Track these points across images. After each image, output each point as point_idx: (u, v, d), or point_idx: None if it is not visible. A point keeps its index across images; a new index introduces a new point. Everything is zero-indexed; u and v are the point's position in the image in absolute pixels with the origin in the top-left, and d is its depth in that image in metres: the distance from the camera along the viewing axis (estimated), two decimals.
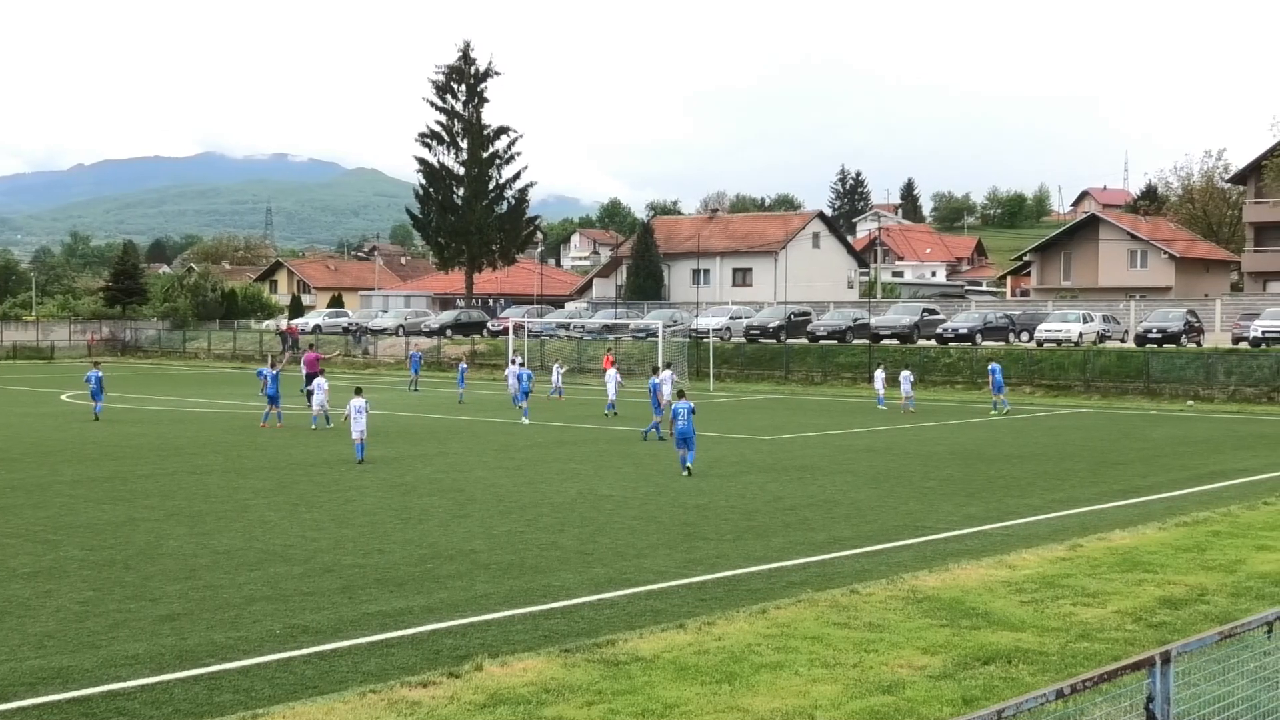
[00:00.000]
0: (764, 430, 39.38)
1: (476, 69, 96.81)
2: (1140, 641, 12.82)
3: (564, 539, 19.52)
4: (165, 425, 37.86)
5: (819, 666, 11.96)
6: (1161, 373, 56.82)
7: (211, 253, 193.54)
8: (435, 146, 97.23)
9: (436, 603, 15.08)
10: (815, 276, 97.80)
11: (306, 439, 35.52)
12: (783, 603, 14.73)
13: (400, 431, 37.90)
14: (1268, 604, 13.84)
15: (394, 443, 34.59)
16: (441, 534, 19.95)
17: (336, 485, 25.76)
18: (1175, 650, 6.83)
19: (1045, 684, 9.61)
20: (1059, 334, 64.19)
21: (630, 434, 37.77)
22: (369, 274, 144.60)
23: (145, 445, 33.55)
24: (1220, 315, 74.05)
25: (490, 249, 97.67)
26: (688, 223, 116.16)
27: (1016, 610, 14.34)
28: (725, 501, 23.74)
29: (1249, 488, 26.31)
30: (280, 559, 17.74)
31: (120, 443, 33.98)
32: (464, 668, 11.98)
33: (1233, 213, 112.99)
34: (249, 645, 13.12)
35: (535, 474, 27.80)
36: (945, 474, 28.46)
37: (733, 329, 74.33)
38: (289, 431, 37.62)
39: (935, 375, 62.48)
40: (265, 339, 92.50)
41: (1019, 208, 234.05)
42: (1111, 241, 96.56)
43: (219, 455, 31.22)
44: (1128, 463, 31.25)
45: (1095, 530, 20.14)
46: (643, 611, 14.63)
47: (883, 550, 18.79)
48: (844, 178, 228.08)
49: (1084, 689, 6.24)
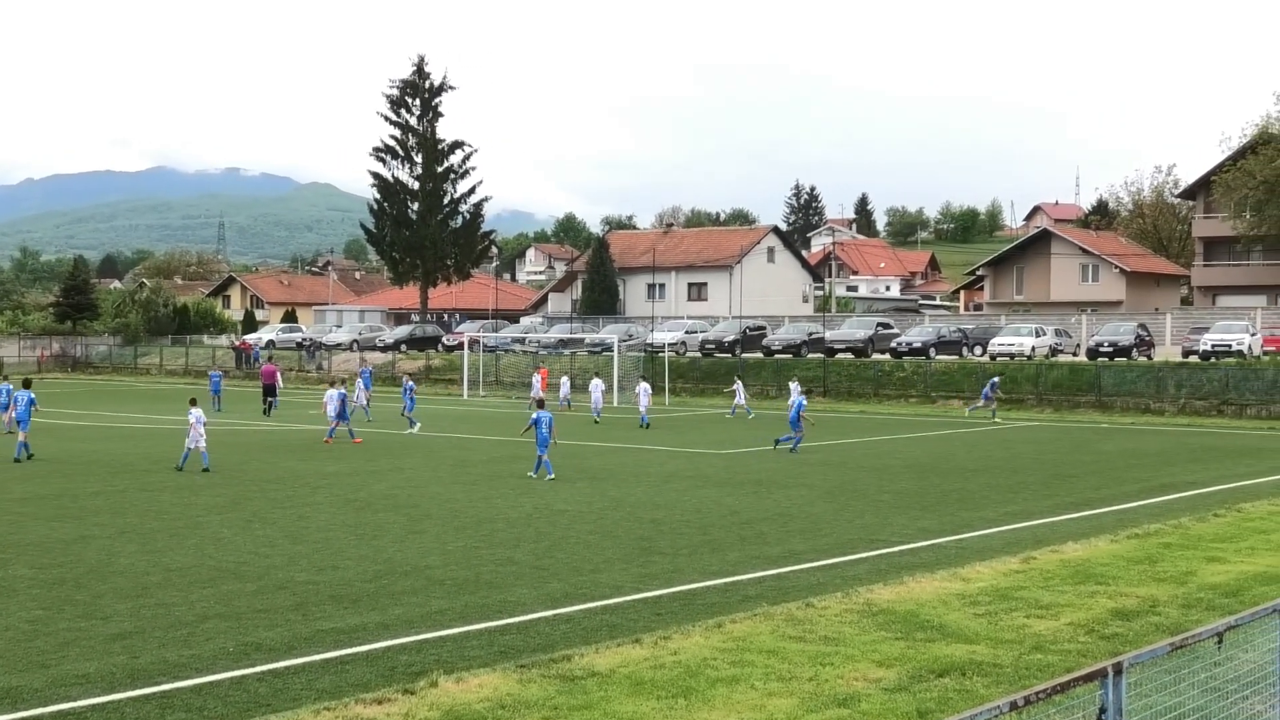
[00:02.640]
0: (719, 444, 39.43)
1: (431, 83, 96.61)
2: (1093, 653, 12.90)
3: (519, 554, 19.47)
4: (116, 442, 37.54)
5: (774, 680, 11.97)
6: (1113, 386, 57.31)
7: (163, 268, 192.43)
8: (389, 161, 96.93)
9: (391, 619, 15.01)
10: (770, 291, 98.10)
11: (260, 455, 35.30)
12: (738, 617, 14.75)
13: (355, 447, 37.72)
14: (1218, 615, 13.95)
15: (349, 458, 34.43)
16: (396, 550, 19.87)
17: (290, 501, 25.61)
18: (1127, 661, 6.87)
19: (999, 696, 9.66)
20: (1012, 348, 64.61)
21: (585, 448, 37.76)
22: (323, 289, 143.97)
23: (96, 462, 33.24)
24: (1170, 329, 74.76)
25: (445, 264, 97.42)
26: (643, 237, 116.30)
27: (970, 623, 14.41)
28: (681, 516, 23.75)
29: (1199, 500, 26.53)
30: (233, 576, 17.61)
31: (70, 459, 33.65)
32: (419, 684, 11.92)
33: (1182, 227, 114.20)
34: (202, 663, 13.01)
35: (490, 489, 27.73)
36: (900, 487, 28.58)
37: (688, 343, 74.43)
38: (241, 448, 37.40)
39: (889, 389, 62.80)
40: (218, 354, 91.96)
41: (972, 222, 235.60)
42: (1063, 256, 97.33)
43: (171, 472, 30.96)
44: (1080, 475, 31.46)
45: (1048, 543, 20.26)
46: (598, 626, 14.61)
47: (838, 564, 18.84)
48: (799, 192, 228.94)
49: (1037, 701, 6.28)
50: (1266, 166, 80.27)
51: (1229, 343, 60.15)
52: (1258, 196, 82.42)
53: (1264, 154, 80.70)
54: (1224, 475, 31.56)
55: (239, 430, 44.18)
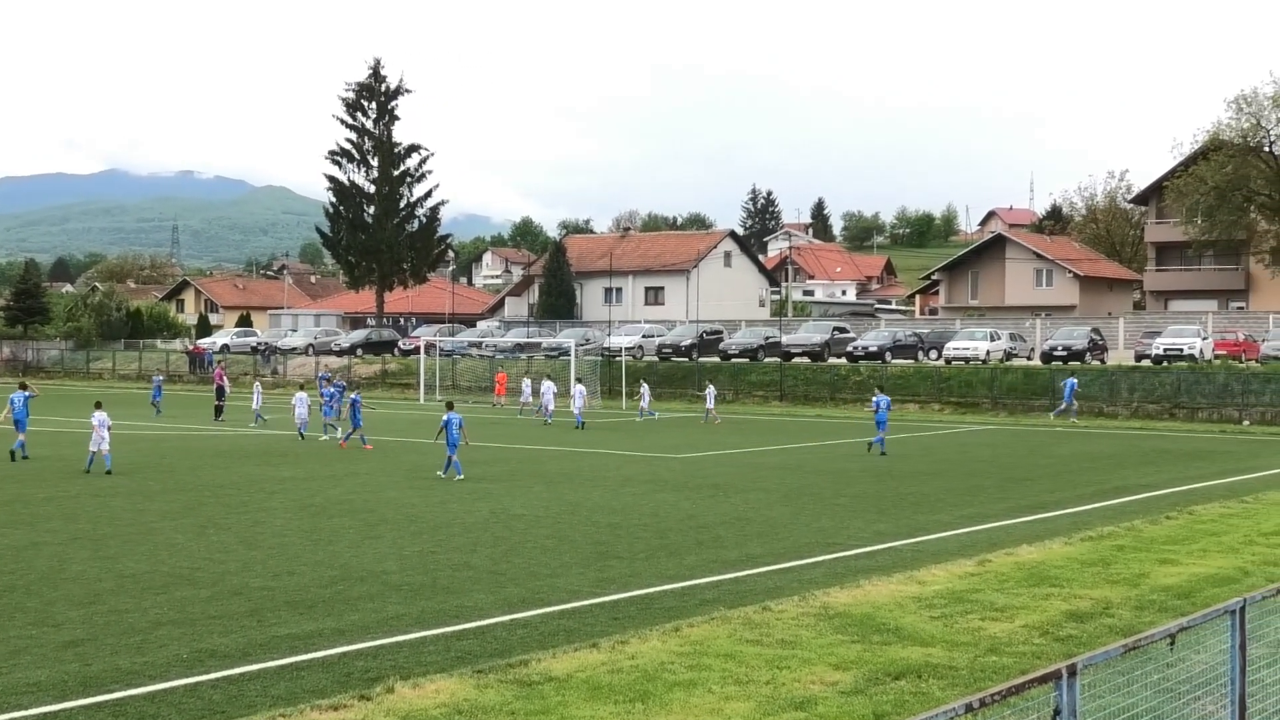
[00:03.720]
0: (677, 448, 39.46)
1: (387, 86, 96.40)
2: (1047, 655, 12.98)
3: (476, 559, 19.41)
4: (67, 447, 37.17)
5: (732, 684, 11.98)
6: None
7: (116, 271, 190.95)
8: (345, 164, 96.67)
9: (347, 625, 14.93)
10: (727, 295, 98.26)
11: (214, 460, 35.07)
12: (696, 621, 14.75)
13: (311, 452, 37.54)
14: (1170, 616, 14.07)
15: (304, 463, 34.26)
16: (352, 555, 19.77)
17: (245, 507, 25.44)
18: (1081, 663, 6.92)
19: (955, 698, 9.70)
20: (967, 352, 65.00)
21: (542, 452, 37.72)
22: (278, 293, 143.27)
23: (47, 468, 32.93)
24: (1123, 333, 75.40)
25: (401, 268, 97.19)
26: (600, 241, 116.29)
27: (926, 625, 14.47)
28: (638, 520, 23.74)
29: (1152, 502, 26.75)
30: (187, 582, 17.47)
31: (21, 465, 33.32)
32: (375, 690, 11.86)
33: (1135, 232, 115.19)
34: (155, 670, 12.90)
35: (447, 494, 27.64)
36: (856, 491, 28.67)
37: (645, 347, 74.52)
38: (195, 453, 37.15)
39: (846, 393, 63.04)
40: (172, 359, 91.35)
41: (927, 227, 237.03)
42: (1017, 261, 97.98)
43: (124, 477, 30.70)
44: (1035, 479, 31.66)
45: (1003, 546, 20.37)
46: (556, 631, 14.58)
47: (795, 567, 18.87)
48: (755, 197, 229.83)
49: (993, 702, 6.31)
50: (1217, 172, 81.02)
51: (1181, 347, 60.73)
52: (1209, 202, 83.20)
53: (1215, 160, 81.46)
54: (1176, 478, 31.84)
55: (192, 435, 43.91)
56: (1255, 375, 55.17)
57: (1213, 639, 8.72)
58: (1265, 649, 9.43)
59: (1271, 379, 54.25)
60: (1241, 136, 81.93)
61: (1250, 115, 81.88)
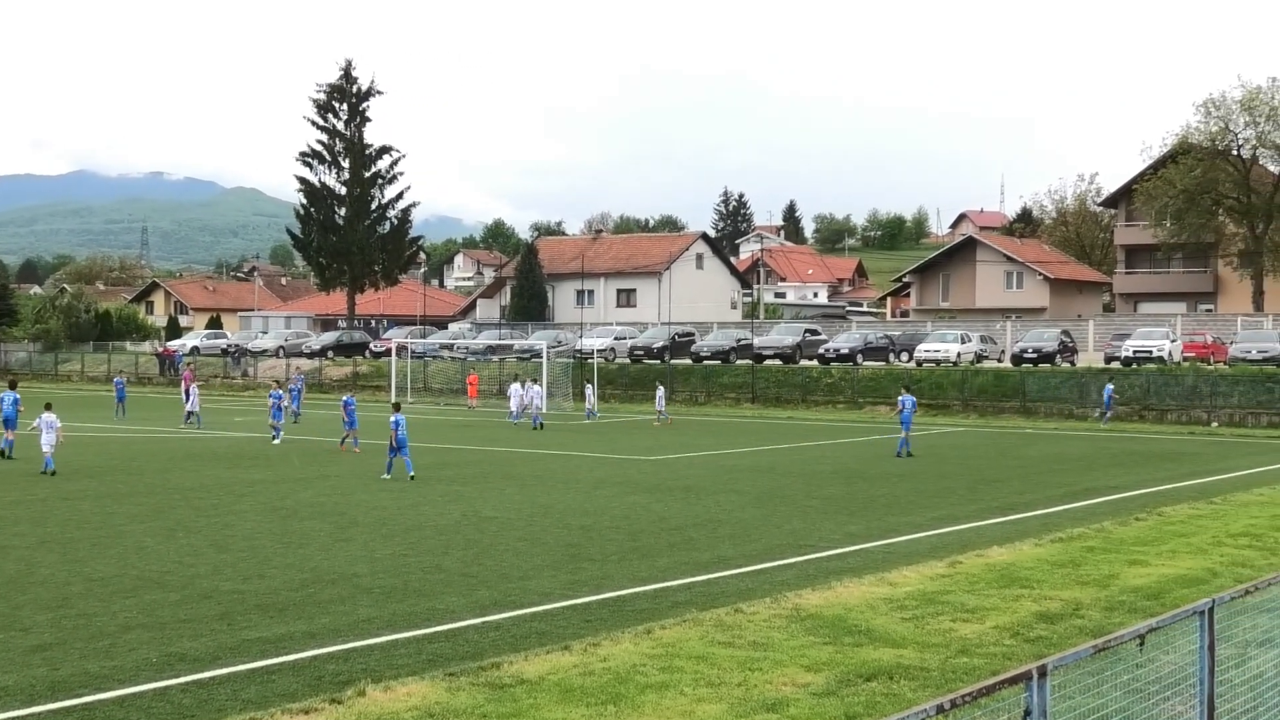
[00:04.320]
0: (648, 450, 39.46)
1: (358, 88, 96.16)
2: (1018, 656, 13.02)
3: (448, 561, 19.38)
4: (35, 450, 36.92)
5: (704, 686, 11.99)
6: (1037, 392, 57.98)
7: (85, 273, 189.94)
8: (316, 166, 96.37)
9: (318, 628, 14.88)
10: (699, 297, 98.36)
11: (184, 463, 34.90)
12: (668, 623, 14.75)
13: (280, 455, 37.40)
14: (1140, 617, 14.14)
15: (274, 466, 34.14)
16: (323, 558, 19.70)
17: (215, 509, 25.33)
18: (1051, 664, 6.94)
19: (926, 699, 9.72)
20: (938, 354, 65.19)
21: (514, 454, 37.68)
22: (248, 295, 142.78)
23: (13, 471, 32.71)
24: (1093, 335, 75.80)
25: (372, 269, 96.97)
26: (572, 244, 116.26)
27: (898, 627, 14.50)
28: (610, 522, 23.73)
29: (1121, 504, 26.88)
30: (157, 585, 17.38)
31: None
32: (346, 693, 11.82)
33: (1104, 235, 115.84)
34: (124, 675, 12.83)
35: (419, 496, 27.58)
36: (827, 493, 28.73)
37: (617, 349, 74.51)
38: (164, 456, 36.98)
39: (817, 395, 63.20)
40: (141, 361, 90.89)
41: (899, 230, 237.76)
42: (988, 263, 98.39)
43: (92, 480, 30.55)
44: (1005, 480, 31.78)
45: (974, 547, 20.43)
46: (528, 634, 14.57)
47: (766, 569, 18.89)
48: (727, 199, 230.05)
49: (963, 703, 6.32)
50: (1186, 175, 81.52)
51: (1150, 349, 61.09)
52: (1178, 205, 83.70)
53: (1184, 163, 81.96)
54: (1145, 479, 32.00)
55: (161, 438, 43.71)
56: (1223, 377, 55.50)
57: (1182, 640, 8.76)
58: (1234, 649, 9.49)
59: (1239, 381, 54.59)
60: (1210, 140, 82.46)
61: (1218, 119, 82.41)
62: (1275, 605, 10.27)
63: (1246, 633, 9.83)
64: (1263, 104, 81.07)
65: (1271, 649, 10.03)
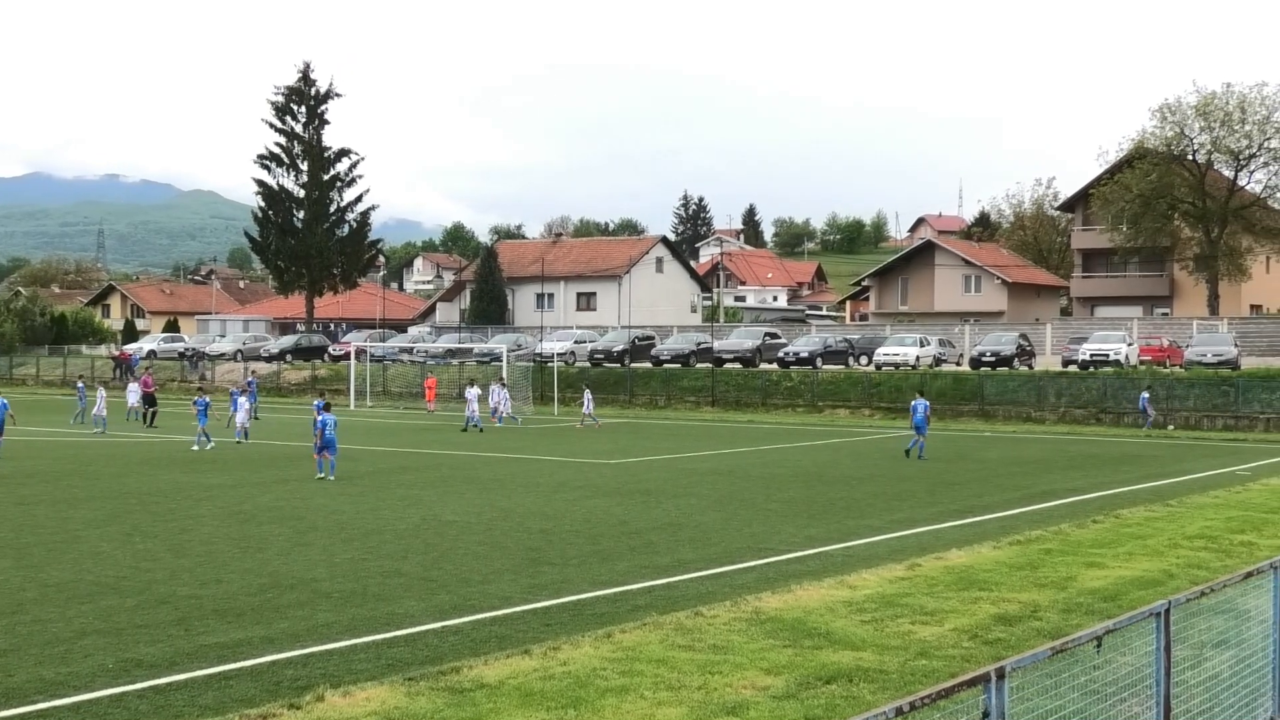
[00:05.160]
0: (609, 454, 39.44)
1: (317, 90, 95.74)
2: (976, 658, 13.08)
3: (407, 566, 19.31)
4: None
5: (664, 689, 11.99)
6: (995, 395, 58.29)
7: (40, 276, 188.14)
8: (274, 168, 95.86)
9: (276, 633, 14.80)
10: (659, 301, 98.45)
11: (141, 468, 34.66)
12: (628, 626, 14.74)
13: (239, 459, 37.20)
14: (1097, 619, 14.22)
15: (232, 470, 33.93)
16: (281, 563, 19.60)
17: (172, 514, 25.16)
18: (1009, 666, 6.97)
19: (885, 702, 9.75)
20: (897, 357, 65.43)
21: (474, 458, 37.60)
22: (206, 298, 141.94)
23: None
24: (1050, 339, 76.28)
25: (331, 273, 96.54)
26: (532, 247, 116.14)
27: (857, 630, 14.54)
28: (570, 526, 23.71)
29: (1079, 506, 27.04)
30: (113, 591, 17.25)
31: None
32: (305, 699, 11.77)
33: (1062, 239, 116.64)
34: (80, 681, 12.72)
35: (377, 500, 27.47)
36: (787, 496, 28.79)
37: (577, 353, 74.45)
38: (121, 460, 36.69)
39: (777, 399, 63.34)
40: (98, 364, 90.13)
41: (858, 234, 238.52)
42: (947, 267, 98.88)
43: (47, 485, 30.28)
44: (964, 483, 31.93)
45: (933, 550, 20.51)
46: (487, 638, 14.53)
47: (726, 572, 18.91)
48: (687, 203, 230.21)
49: (922, 706, 6.35)
50: (1142, 180, 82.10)
51: (1107, 352, 61.50)
52: (1134, 209, 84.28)
53: (1140, 168, 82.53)
54: (1102, 482, 32.22)
55: (118, 442, 43.39)
56: (1179, 380, 55.95)
57: (1138, 641, 8.83)
58: (1189, 650, 9.57)
59: (1195, 384, 55.04)
60: (1166, 145, 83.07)
61: (1174, 124, 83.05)
62: (1230, 607, 10.37)
63: (1202, 634, 9.91)
64: (1217, 109, 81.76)
65: (1226, 650, 10.12)
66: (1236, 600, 10.40)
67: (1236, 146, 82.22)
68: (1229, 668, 9.98)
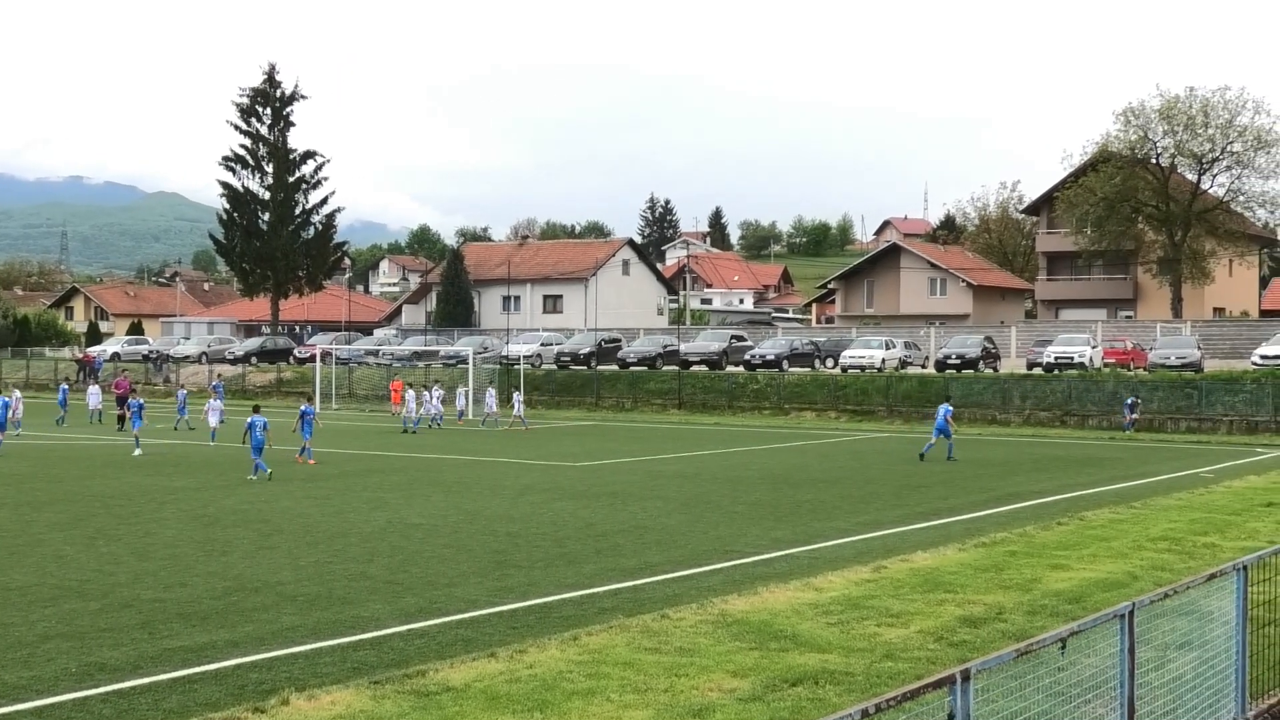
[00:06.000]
0: (575, 456, 39.42)
1: (282, 92, 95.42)
2: (942, 660, 13.12)
3: (373, 569, 19.25)
4: None
5: (630, 692, 11.98)
6: (960, 397, 58.41)
7: (3, 278, 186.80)
8: (239, 170, 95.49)
9: (241, 636, 14.73)
10: (625, 303, 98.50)
11: (102, 468, 34.43)
12: (594, 629, 14.73)
13: (203, 461, 36.99)
14: (1061, 621, 14.28)
15: (196, 473, 33.76)
16: (246, 566, 19.50)
17: (136, 517, 25.01)
18: (975, 668, 6.99)
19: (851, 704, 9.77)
20: (863, 360, 65.58)
21: (441, 461, 37.51)
22: (170, 300, 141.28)
23: None
24: (1015, 341, 76.63)
25: (297, 275, 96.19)
26: (498, 249, 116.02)
27: (823, 632, 14.56)
28: (537, 529, 23.68)
29: (1043, 509, 27.15)
30: (76, 594, 17.13)
31: None
32: (270, 702, 11.71)
33: (1026, 242, 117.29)
34: (43, 685, 12.63)
35: (343, 503, 27.38)
36: (754, 498, 28.82)
37: (544, 355, 74.38)
38: (84, 463, 36.45)
39: (743, 401, 63.41)
40: (60, 367, 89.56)
41: (824, 236, 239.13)
42: (912, 270, 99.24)
43: (10, 488, 30.05)
44: (929, 486, 32.02)
45: (898, 552, 20.56)
46: (453, 641, 14.49)
47: (693, 575, 18.91)
48: (653, 205, 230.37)
49: (888, 707, 6.36)
50: (1106, 183, 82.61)
51: (1071, 355, 61.84)
52: (1098, 213, 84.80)
53: (1104, 171, 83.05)
54: (1067, 484, 32.37)
55: (82, 445, 43.11)
56: (1143, 383, 56.28)
57: (1103, 643, 8.86)
58: (1153, 652, 9.62)
59: (1159, 386, 55.38)
60: (1130, 149, 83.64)
61: (1138, 128, 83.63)
62: (1194, 609, 10.42)
63: (1166, 635, 9.96)
64: (1180, 113, 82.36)
65: (1190, 651, 10.18)
66: (1200, 602, 10.45)
67: (1199, 150, 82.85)
68: (1192, 669, 10.03)
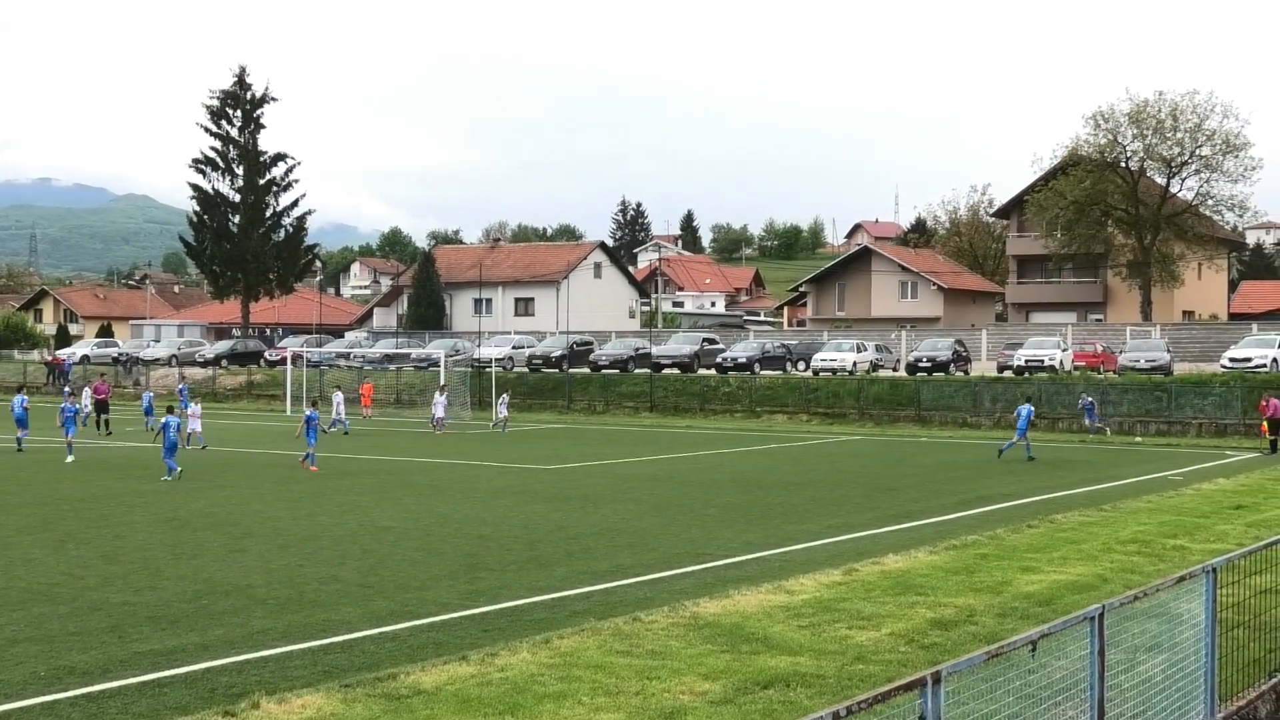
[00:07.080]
0: (547, 460, 39.38)
1: (253, 94, 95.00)
2: (913, 662, 13.15)
3: (344, 572, 19.19)
4: None
5: (602, 695, 11.98)
6: (931, 401, 58.66)
7: None
8: (210, 173, 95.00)
9: (211, 640, 14.67)
10: (597, 306, 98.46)
11: (71, 471, 34.22)
12: (566, 632, 14.72)
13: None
14: (1032, 623, 14.33)
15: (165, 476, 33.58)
16: (217, 569, 19.42)
17: (105, 520, 24.88)
18: (945, 670, 7.01)
19: (822, 706, 9.79)
20: (834, 363, 65.67)
21: (411, 464, 37.42)
22: (140, 303, 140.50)
23: None
24: (986, 344, 76.91)
25: (267, 278, 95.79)
26: (470, 252, 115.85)
27: (794, 634, 14.58)
28: (508, 532, 23.65)
29: (1013, 511, 27.24)
30: (45, 598, 17.03)
31: None
32: (240, 706, 11.67)
33: (997, 246, 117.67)
34: (11, 689, 12.55)
35: (314, 506, 27.29)
36: (726, 501, 28.84)
37: (515, 358, 74.30)
38: (53, 466, 36.23)
39: (715, 404, 63.43)
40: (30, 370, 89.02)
41: (795, 239, 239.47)
42: (883, 273, 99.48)
43: None
44: (900, 488, 32.10)
45: (870, 555, 20.60)
46: (425, 644, 14.46)
47: (665, 578, 18.92)
48: (625, 208, 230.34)
49: (859, 710, 6.37)
50: (1076, 187, 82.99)
51: (1041, 358, 62.08)
52: (1068, 216, 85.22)
53: (1074, 175, 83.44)
54: (1037, 487, 32.49)
55: (51, 448, 42.84)
56: (1113, 386, 56.55)
57: (1073, 645, 8.90)
58: (1123, 654, 9.66)
59: (1129, 389, 55.65)
60: (1099, 152, 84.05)
61: (1107, 132, 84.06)
62: (1163, 611, 10.48)
63: (1136, 638, 10.01)
64: (1150, 117, 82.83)
65: (1160, 654, 10.22)
66: (1169, 604, 10.51)
67: (1169, 154, 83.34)
68: (1162, 671, 10.08)
